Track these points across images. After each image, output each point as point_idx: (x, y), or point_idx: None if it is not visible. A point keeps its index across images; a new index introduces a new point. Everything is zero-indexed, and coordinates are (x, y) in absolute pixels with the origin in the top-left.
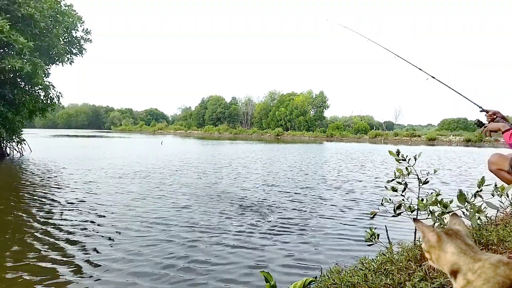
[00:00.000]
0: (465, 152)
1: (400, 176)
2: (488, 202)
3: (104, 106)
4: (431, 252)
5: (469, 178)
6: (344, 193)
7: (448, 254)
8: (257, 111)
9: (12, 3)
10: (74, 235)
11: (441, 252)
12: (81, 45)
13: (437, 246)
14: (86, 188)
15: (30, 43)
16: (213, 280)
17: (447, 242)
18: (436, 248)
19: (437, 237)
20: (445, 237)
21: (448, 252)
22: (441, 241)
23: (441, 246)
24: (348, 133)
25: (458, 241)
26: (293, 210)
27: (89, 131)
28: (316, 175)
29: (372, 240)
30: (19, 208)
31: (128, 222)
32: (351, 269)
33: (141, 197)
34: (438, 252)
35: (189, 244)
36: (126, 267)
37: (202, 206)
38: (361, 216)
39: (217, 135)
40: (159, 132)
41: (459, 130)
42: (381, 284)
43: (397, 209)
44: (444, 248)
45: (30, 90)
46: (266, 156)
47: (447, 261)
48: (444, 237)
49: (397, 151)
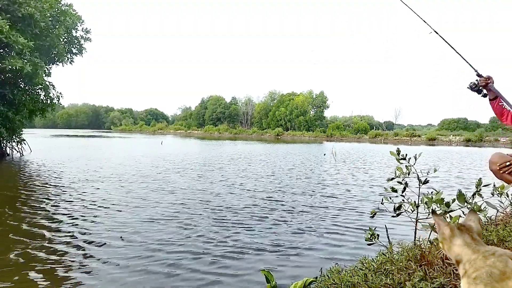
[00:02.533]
0: (465, 152)
1: (400, 175)
2: (488, 202)
3: (104, 106)
4: (444, 243)
5: (468, 178)
6: (344, 193)
7: (455, 246)
8: (257, 111)
9: (12, 3)
10: (74, 235)
11: (451, 244)
12: (81, 45)
13: (449, 238)
14: (86, 188)
15: (30, 43)
16: (213, 280)
17: (457, 235)
18: (448, 240)
19: (450, 231)
20: (456, 231)
21: (456, 245)
22: (453, 234)
23: (451, 239)
24: (348, 133)
25: (466, 236)
26: (293, 210)
27: (89, 131)
28: (315, 175)
29: (372, 240)
30: (19, 208)
31: (128, 222)
32: (351, 269)
33: (141, 197)
34: (449, 244)
35: (189, 244)
36: (126, 267)
37: (202, 206)
38: (361, 216)
39: (217, 135)
40: (159, 132)
41: (459, 130)
42: (381, 284)
43: (397, 209)
44: (453, 240)
45: (30, 90)
46: (266, 156)
47: (453, 251)
48: (456, 231)
49: (397, 150)
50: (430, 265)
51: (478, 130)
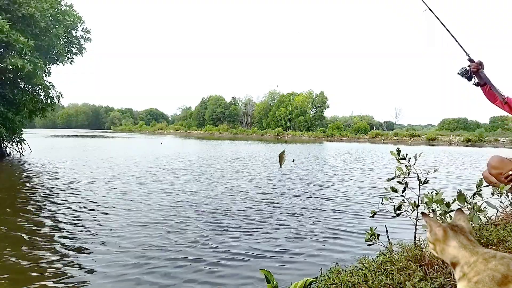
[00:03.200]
0: (465, 152)
1: (400, 175)
2: (488, 202)
3: (104, 106)
4: (436, 244)
5: (466, 179)
6: (344, 193)
7: (450, 248)
8: (257, 111)
9: (12, 3)
10: (74, 235)
11: (445, 246)
12: (81, 45)
13: (442, 240)
14: (86, 189)
15: (30, 42)
16: (213, 280)
17: (451, 237)
18: (441, 241)
19: (443, 232)
20: (450, 232)
21: (451, 246)
22: (447, 235)
23: (445, 240)
24: (348, 133)
25: (461, 237)
26: (292, 210)
27: (89, 131)
28: (315, 175)
29: (372, 240)
30: (19, 208)
31: (128, 222)
32: (351, 269)
33: (141, 197)
34: (442, 245)
35: (189, 243)
36: (125, 267)
37: (202, 205)
38: (361, 216)
39: (217, 135)
40: (159, 132)
41: (459, 130)
42: (381, 284)
43: (397, 209)
44: (448, 242)
45: (30, 90)
46: (267, 156)
47: (448, 253)
48: (450, 232)
49: (398, 150)
50: (430, 265)
51: (478, 130)
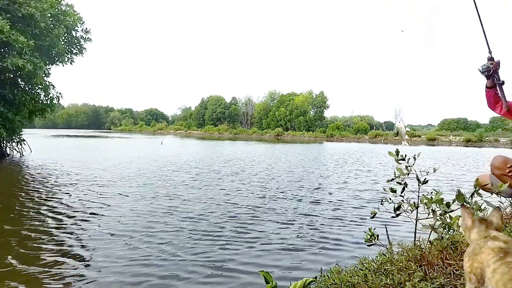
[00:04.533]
0: (465, 153)
1: (400, 176)
2: (488, 201)
3: (104, 106)
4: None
5: (469, 178)
6: (344, 193)
7: (472, 234)
8: (257, 111)
9: (12, 3)
10: (74, 235)
11: (470, 233)
12: (81, 45)
13: (469, 228)
14: (86, 189)
15: (30, 42)
16: (213, 280)
17: (476, 226)
18: (468, 229)
19: (472, 222)
20: (477, 223)
21: (472, 233)
22: (473, 226)
23: (471, 229)
24: (348, 133)
25: (483, 227)
26: (292, 210)
27: (89, 131)
28: (315, 175)
29: (372, 241)
30: (19, 208)
31: (127, 222)
32: (351, 269)
33: (141, 197)
34: (469, 233)
35: (188, 244)
36: (125, 267)
37: (202, 205)
38: (361, 216)
39: (217, 135)
40: (159, 132)
41: (459, 130)
42: (381, 284)
43: (397, 210)
44: (472, 230)
45: (30, 90)
46: (266, 156)
47: (470, 239)
48: (476, 223)
49: (396, 150)
50: (430, 265)
51: (478, 130)
